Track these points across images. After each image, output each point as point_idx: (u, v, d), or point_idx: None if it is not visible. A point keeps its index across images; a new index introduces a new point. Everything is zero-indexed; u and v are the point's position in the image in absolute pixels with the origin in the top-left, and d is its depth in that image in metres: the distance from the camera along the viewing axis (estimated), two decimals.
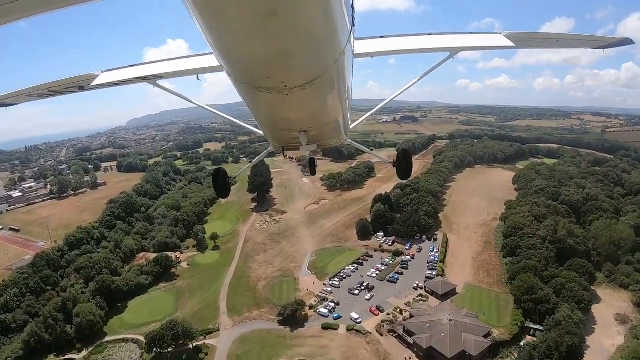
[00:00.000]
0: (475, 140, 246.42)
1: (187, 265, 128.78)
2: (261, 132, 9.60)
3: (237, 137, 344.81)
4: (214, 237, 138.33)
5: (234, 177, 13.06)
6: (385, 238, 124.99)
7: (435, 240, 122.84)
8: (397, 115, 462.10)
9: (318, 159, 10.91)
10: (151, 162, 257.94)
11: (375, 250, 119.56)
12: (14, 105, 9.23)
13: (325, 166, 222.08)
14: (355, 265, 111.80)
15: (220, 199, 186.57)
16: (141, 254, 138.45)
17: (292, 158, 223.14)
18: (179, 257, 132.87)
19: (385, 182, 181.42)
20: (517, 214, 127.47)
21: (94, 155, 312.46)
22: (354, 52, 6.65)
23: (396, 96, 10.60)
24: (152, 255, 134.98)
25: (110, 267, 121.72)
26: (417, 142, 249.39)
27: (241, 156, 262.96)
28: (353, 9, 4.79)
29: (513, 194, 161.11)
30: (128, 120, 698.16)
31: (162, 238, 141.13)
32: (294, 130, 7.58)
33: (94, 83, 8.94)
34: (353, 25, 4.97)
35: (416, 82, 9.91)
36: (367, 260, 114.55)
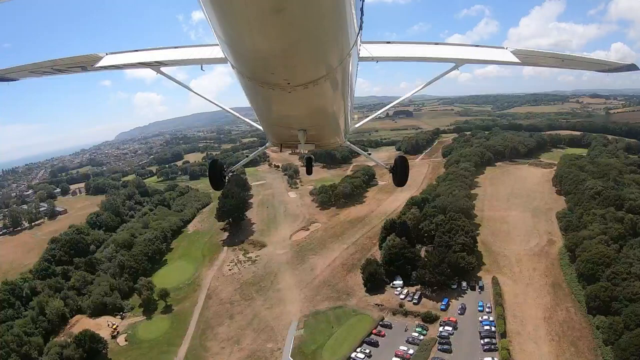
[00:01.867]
0: (487, 132, 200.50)
1: (125, 340, 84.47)
2: (260, 127, 8.92)
3: (220, 145, 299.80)
4: (164, 294, 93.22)
5: (230, 169, 10.86)
6: (406, 289, 79.36)
7: (482, 289, 77.40)
8: (389, 111, 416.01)
9: (304, 166, 11.57)
10: (125, 179, 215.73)
11: (394, 313, 73.75)
12: (16, 80, 8.65)
13: (316, 174, 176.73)
14: (368, 349, 65.90)
15: (187, 229, 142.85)
16: (75, 319, 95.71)
17: (291, 153, 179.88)
18: (116, 327, 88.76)
19: (390, 193, 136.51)
20: (590, 239, 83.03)
21: (68, 176, 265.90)
22: (360, 56, 6.30)
23: (403, 100, 10.48)
24: (86, 322, 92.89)
25: (22, 349, 79.74)
26: (419, 139, 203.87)
27: None
28: (362, 12, 4.44)
29: (557, 199, 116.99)
30: (117, 134, 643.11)
31: (98, 296, 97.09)
32: (293, 128, 6.95)
33: (98, 65, 8.24)
34: (361, 28, 4.65)
35: (421, 89, 9.51)
36: (383, 336, 68.78)
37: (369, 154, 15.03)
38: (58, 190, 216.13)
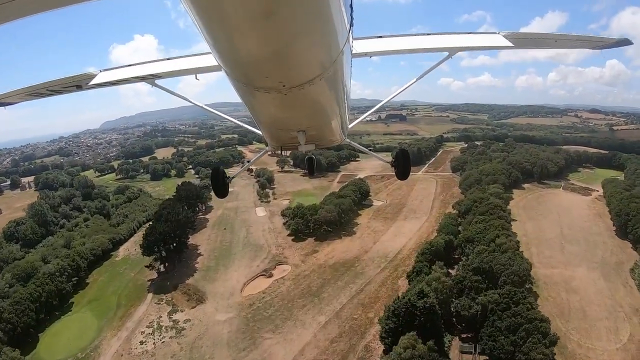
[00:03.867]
0: (501, 143, 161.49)
1: None
2: (259, 132, 8.40)
3: (196, 140, 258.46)
4: None
5: (232, 178, 10.58)
6: None
7: None
8: (381, 114, 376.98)
9: (286, 172, 40.72)
10: (85, 174, 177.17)
11: None
12: (12, 104, 8.50)
13: (295, 184, 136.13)
14: None
15: (117, 252, 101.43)
16: None
17: (287, 155, 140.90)
18: None
19: (391, 220, 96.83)
20: None
21: (30, 166, 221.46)
22: (353, 52, 6.01)
23: (398, 94, 9.39)
24: None
25: None
26: (421, 147, 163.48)
27: (188, 167, 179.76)
28: (352, 8, 4.25)
29: (622, 246, 79.21)
30: (102, 123, 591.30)
31: None
32: (292, 130, 6.66)
33: (92, 82, 7.90)
34: (351, 25, 4.47)
35: (415, 81, 8.71)
36: None
37: (370, 149, 13.59)
38: (7, 183, 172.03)
